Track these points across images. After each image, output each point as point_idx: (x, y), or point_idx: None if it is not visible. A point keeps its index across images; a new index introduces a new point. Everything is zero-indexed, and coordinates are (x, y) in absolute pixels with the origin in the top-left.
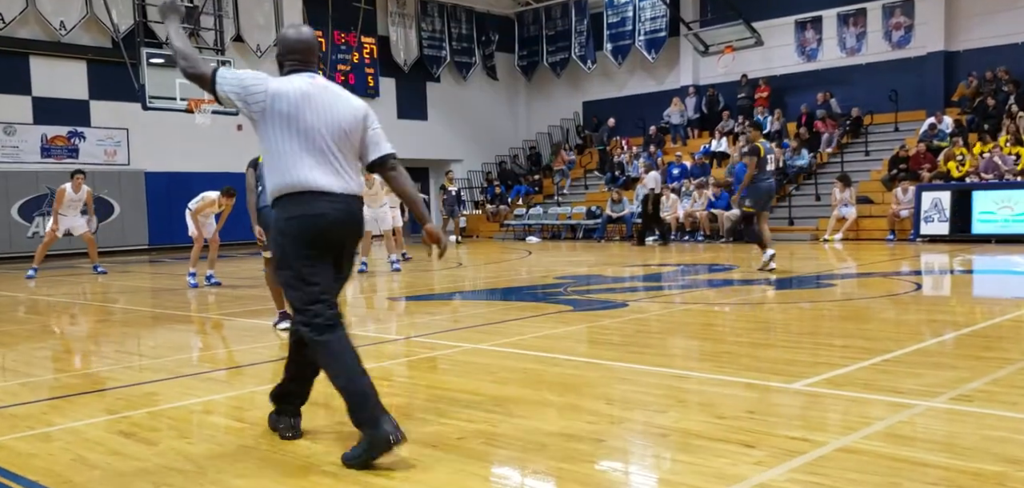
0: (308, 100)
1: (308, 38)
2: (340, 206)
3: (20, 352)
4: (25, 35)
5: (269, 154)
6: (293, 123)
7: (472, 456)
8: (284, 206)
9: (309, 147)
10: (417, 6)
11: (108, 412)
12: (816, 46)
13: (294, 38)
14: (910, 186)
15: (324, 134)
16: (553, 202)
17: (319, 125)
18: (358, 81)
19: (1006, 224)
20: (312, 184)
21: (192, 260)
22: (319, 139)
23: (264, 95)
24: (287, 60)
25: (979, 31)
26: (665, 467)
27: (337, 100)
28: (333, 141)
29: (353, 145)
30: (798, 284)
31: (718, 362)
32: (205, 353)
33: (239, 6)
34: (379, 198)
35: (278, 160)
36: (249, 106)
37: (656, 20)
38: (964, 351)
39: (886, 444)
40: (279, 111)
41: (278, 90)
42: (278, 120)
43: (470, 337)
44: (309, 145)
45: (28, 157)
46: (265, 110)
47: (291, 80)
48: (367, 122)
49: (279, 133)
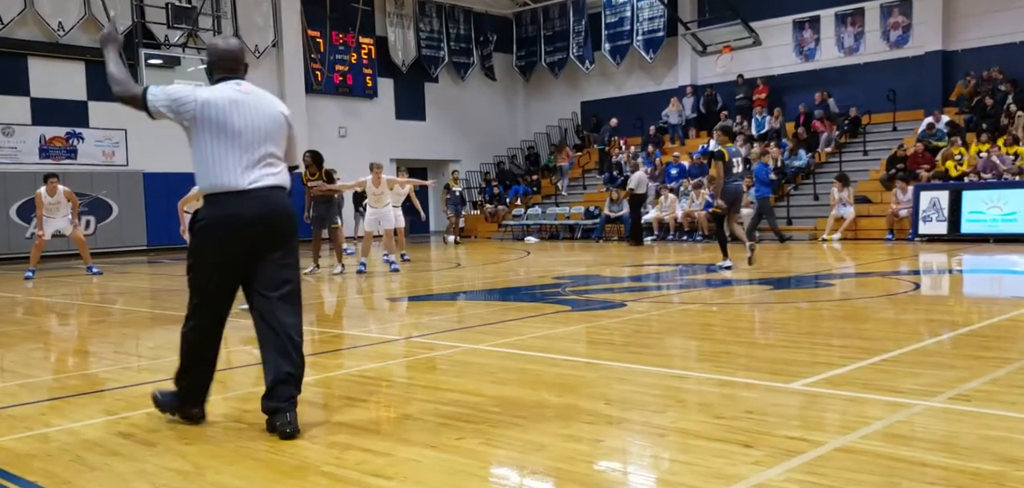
0: (236, 106)
1: (235, 48)
2: (262, 201)
3: (18, 353)
4: (23, 36)
5: (200, 158)
6: (222, 128)
7: (471, 456)
8: (211, 205)
9: (236, 150)
10: (415, 6)
11: (107, 413)
12: (814, 46)
13: (223, 48)
14: (908, 186)
15: (251, 137)
16: (551, 202)
17: (246, 128)
18: (356, 81)
19: (994, 224)
20: (238, 185)
21: None
22: (246, 142)
23: (194, 104)
24: (216, 69)
25: (977, 31)
26: (663, 467)
27: (263, 104)
28: (259, 143)
29: (279, 145)
30: (796, 284)
31: (716, 362)
32: None
33: (237, 7)
34: (383, 198)
35: (208, 163)
36: (181, 116)
37: (654, 20)
38: (962, 351)
39: (885, 444)
40: (209, 117)
41: (208, 99)
42: (208, 126)
43: (469, 337)
44: (236, 148)
45: (26, 158)
46: (196, 117)
47: (220, 88)
48: (289, 128)
49: (209, 138)
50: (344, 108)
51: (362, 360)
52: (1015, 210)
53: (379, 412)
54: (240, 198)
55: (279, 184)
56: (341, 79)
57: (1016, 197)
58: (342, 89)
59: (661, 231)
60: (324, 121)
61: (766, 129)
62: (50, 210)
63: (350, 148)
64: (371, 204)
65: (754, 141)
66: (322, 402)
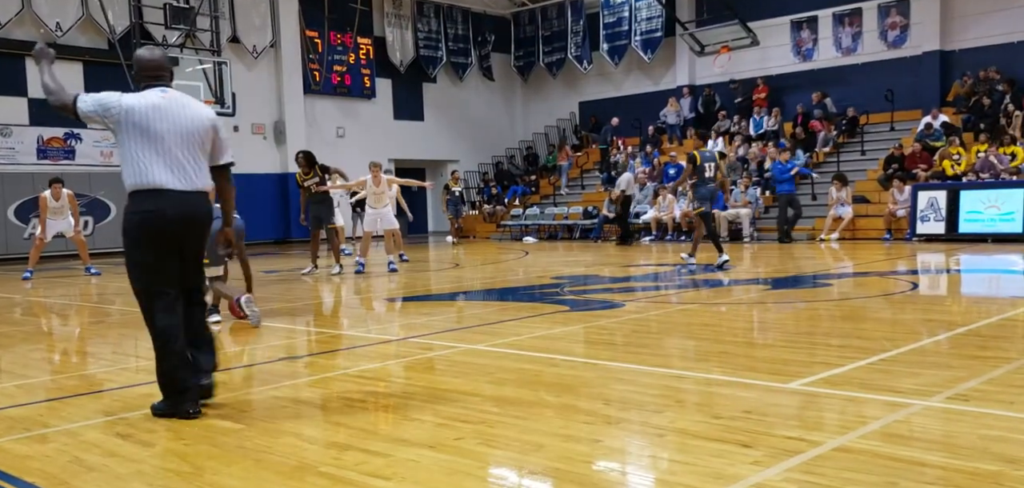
0: (158, 111)
1: (159, 58)
2: (182, 201)
3: (16, 354)
4: (21, 36)
5: (125, 159)
6: (145, 132)
7: (469, 456)
8: (135, 201)
9: (158, 151)
10: (413, 7)
11: (105, 413)
12: (812, 46)
13: (148, 58)
14: (904, 186)
15: (172, 140)
16: (550, 202)
17: (168, 132)
18: (354, 82)
19: (992, 224)
20: (159, 183)
21: None
22: (168, 144)
23: (119, 109)
24: (142, 77)
25: (974, 31)
26: (662, 467)
27: (186, 110)
28: (180, 146)
29: (202, 149)
30: (794, 284)
31: (715, 362)
32: None
33: (235, 7)
34: (383, 199)
35: (132, 163)
36: (106, 120)
37: (652, 20)
38: (960, 350)
39: (883, 443)
40: (133, 122)
41: (132, 104)
42: (132, 130)
43: (467, 337)
44: (158, 150)
45: (24, 159)
46: (120, 121)
47: (144, 94)
48: (216, 131)
49: (134, 140)
50: (342, 108)
51: (361, 360)
52: (1013, 210)
53: (378, 412)
54: (161, 196)
55: (200, 188)
56: (339, 79)
57: (1014, 197)
58: (340, 89)
59: (659, 231)
60: (322, 121)
61: (764, 129)
62: (54, 213)
63: (348, 148)
64: (371, 204)
65: (752, 141)
66: (321, 402)
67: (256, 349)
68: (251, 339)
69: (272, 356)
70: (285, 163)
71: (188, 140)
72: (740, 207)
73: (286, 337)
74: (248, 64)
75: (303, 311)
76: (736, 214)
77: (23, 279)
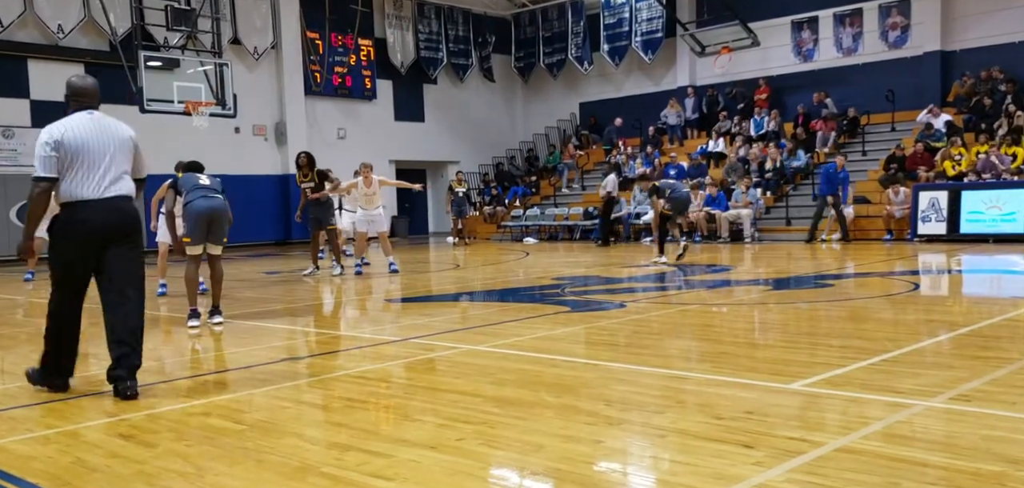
0: (87, 132)
1: (90, 85)
2: (107, 209)
3: (19, 354)
4: (23, 38)
5: (62, 175)
6: (79, 151)
7: (470, 457)
8: (68, 210)
9: (89, 168)
10: (414, 8)
11: (107, 415)
12: (812, 46)
13: (80, 86)
14: (901, 187)
15: (99, 156)
16: (550, 203)
17: (96, 150)
18: (355, 83)
19: (993, 224)
20: (87, 195)
21: None
22: (96, 160)
23: (53, 142)
24: (72, 102)
25: (975, 31)
26: (663, 468)
27: (111, 130)
28: (108, 162)
29: (125, 163)
30: (796, 284)
31: (716, 363)
32: (203, 355)
33: (236, 9)
34: (375, 200)
35: (67, 178)
36: (59, 152)
37: (653, 21)
38: (962, 351)
39: (885, 444)
40: (67, 141)
41: (64, 130)
42: (67, 150)
43: (468, 338)
44: (89, 166)
45: (26, 160)
46: (60, 144)
47: (76, 117)
48: (136, 149)
49: (68, 159)
50: (343, 110)
51: (362, 361)
52: (1014, 210)
53: (379, 413)
54: (90, 206)
55: (124, 194)
56: (340, 81)
57: (1015, 197)
58: (341, 91)
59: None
60: (323, 123)
61: (764, 130)
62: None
63: (349, 150)
64: (363, 206)
65: (752, 142)
66: (322, 403)
67: (257, 350)
68: (253, 339)
69: (274, 357)
70: (286, 164)
71: (114, 156)
72: (741, 207)
73: (287, 338)
74: (249, 65)
75: (304, 312)
76: (737, 214)
77: (25, 280)
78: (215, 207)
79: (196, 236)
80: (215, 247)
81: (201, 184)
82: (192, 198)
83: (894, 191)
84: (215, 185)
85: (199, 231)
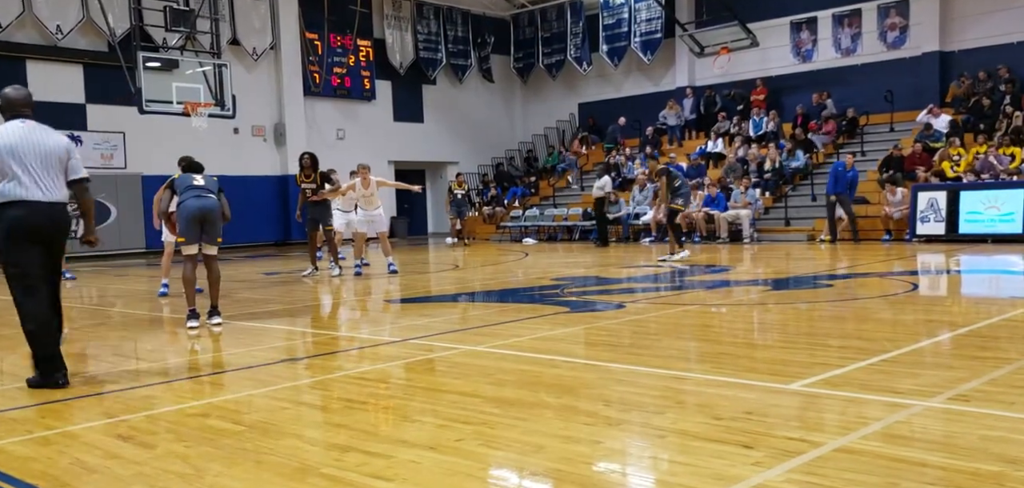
0: (21, 138)
1: (24, 96)
2: (42, 210)
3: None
4: (22, 39)
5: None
6: (12, 154)
7: (470, 458)
8: (4, 211)
9: (22, 170)
10: (413, 9)
11: (106, 415)
12: (811, 47)
13: (14, 96)
14: (896, 188)
15: (32, 161)
16: (549, 204)
17: (29, 154)
18: (354, 84)
19: (992, 224)
20: (22, 196)
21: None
22: (29, 164)
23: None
24: (8, 111)
25: (974, 31)
26: (663, 468)
27: (45, 137)
28: (39, 166)
29: (59, 168)
30: (795, 284)
31: (715, 363)
32: (202, 356)
33: (235, 10)
34: (374, 202)
35: (3, 181)
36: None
37: (652, 22)
38: (961, 351)
39: (884, 444)
40: (3, 146)
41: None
42: (3, 154)
43: (467, 339)
44: (22, 169)
45: None
46: None
47: (10, 125)
48: (70, 154)
49: (4, 163)
50: (342, 110)
51: (361, 362)
52: (1013, 210)
53: (378, 414)
54: (24, 206)
55: (57, 199)
56: (339, 81)
57: (1014, 197)
58: (340, 91)
59: (659, 232)
60: (322, 123)
61: (763, 130)
62: None
63: (348, 150)
64: (362, 206)
65: (751, 142)
66: (321, 404)
67: (257, 351)
68: (253, 340)
69: (273, 357)
70: (285, 165)
71: (46, 161)
72: (740, 208)
73: (286, 338)
74: (248, 66)
75: (303, 313)
76: (736, 215)
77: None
78: (207, 206)
79: (190, 235)
80: (210, 246)
81: (195, 184)
82: (185, 198)
83: (892, 191)
84: (210, 185)
85: (192, 230)
